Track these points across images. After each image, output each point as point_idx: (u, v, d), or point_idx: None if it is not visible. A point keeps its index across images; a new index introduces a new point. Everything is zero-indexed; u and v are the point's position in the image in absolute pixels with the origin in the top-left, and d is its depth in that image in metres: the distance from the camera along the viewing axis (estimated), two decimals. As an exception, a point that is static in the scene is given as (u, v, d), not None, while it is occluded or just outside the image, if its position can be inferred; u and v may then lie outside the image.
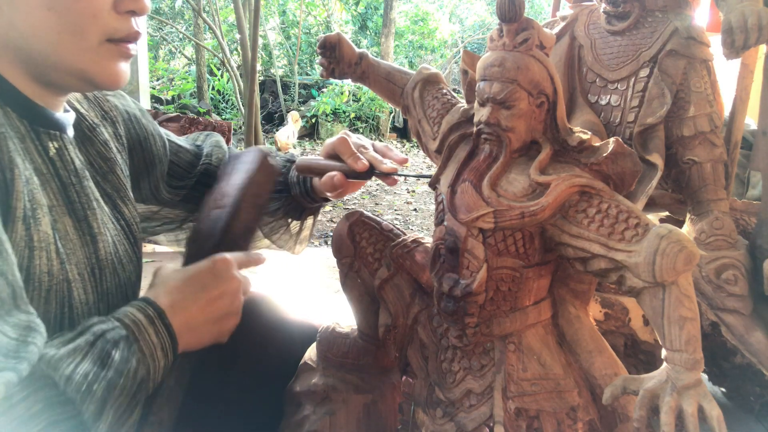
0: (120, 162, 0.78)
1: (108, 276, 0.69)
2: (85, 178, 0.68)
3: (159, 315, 0.63)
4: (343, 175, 0.88)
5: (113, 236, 0.72)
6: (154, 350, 0.61)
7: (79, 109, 0.74)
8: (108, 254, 0.69)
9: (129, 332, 0.60)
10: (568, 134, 0.65)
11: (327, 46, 0.86)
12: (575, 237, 0.61)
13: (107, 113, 0.80)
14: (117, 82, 0.65)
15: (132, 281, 0.75)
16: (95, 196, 0.71)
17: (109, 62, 0.63)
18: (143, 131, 0.87)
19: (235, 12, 4.34)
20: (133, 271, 0.76)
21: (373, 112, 8.48)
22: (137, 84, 3.73)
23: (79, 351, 0.55)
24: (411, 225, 4.29)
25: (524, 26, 0.63)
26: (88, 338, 0.57)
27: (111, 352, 0.57)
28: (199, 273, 0.70)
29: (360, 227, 0.83)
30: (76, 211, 0.66)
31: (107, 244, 0.69)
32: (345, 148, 0.90)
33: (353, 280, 0.83)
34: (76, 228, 0.65)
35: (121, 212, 0.76)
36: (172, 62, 10.21)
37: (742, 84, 1.02)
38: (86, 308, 0.64)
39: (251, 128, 3.97)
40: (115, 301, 0.70)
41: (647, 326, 1.00)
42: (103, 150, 0.75)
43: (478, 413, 0.66)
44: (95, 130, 0.75)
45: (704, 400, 0.55)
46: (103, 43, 0.62)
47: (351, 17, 10.70)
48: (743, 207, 1.06)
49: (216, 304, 0.69)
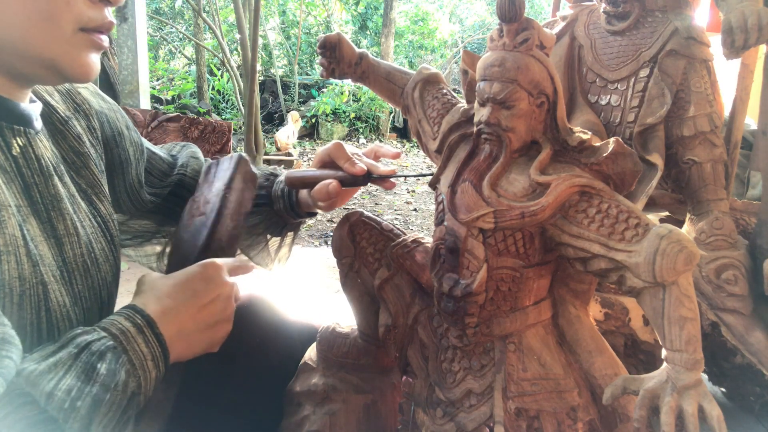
0: (94, 157, 0.75)
1: (78, 278, 0.65)
2: (51, 176, 0.64)
3: (148, 323, 0.60)
4: (338, 182, 0.85)
5: (89, 234, 0.69)
6: (144, 361, 0.58)
7: (50, 101, 0.70)
8: (77, 256, 0.66)
9: (116, 342, 0.57)
10: (569, 134, 0.65)
11: (327, 46, 0.86)
12: (575, 237, 0.61)
13: (80, 106, 0.76)
14: (88, 73, 0.61)
15: (108, 281, 0.71)
16: (70, 192, 0.68)
17: (81, 53, 0.59)
18: (117, 126, 0.83)
19: (235, 12, 4.34)
20: (109, 270, 0.72)
21: (373, 112, 8.48)
22: (137, 84, 3.73)
23: (61, 365, 0.52)
24: (411, 225, 4.29)
25: (524, 26, 0.63)
26: (70, 351, 0.53)
27: (96, 365, 0.53)
28: (189, 278, 0.67)
29: (360, 227, 0.83)
30: (39, 212, 0.62)
31: (77, 245, 0.66)
32: (341, 153, 0.87)
33: (353, 280, 0.83)
34: (41, 230, 0.62)
35: (97, 209, 0.73)
36: (172, 62, 10.21)
37: (742, 84, 1.02)
38: (64, 311, 0.61)
39: (251, 128, 3.97)
40: (88, 304, 0.67)
41: (647, 326, 1.00)
42: (76, 144, 0.71)
43: (478, 413, 0.65)
44: (67, 124, 0.71)
45: (704, 400, 0.55)
46: (76, 32, 0.58)
47: (351, 17, 10.70)
48: (743, 207, 1.06)
49: (208, 310, 0.66)
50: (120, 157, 0.83)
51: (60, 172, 0.67)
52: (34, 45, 0.56)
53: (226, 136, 2.44)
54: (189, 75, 8.28)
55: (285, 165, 6.04)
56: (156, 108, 5.86)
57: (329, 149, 0.89)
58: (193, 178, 0.95)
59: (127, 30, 3.68)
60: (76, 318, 0.63)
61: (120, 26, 3.69)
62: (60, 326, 0.60)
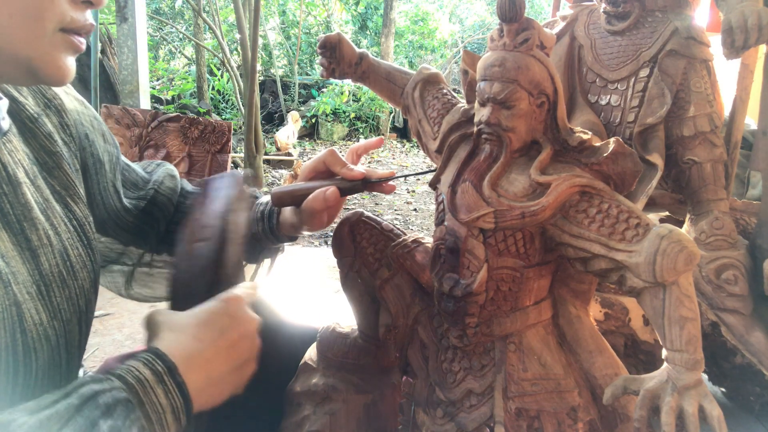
0: (67, 156, 0.70)
1: (56, 290, 0.60)
2: (19, 184, 0.60)
3: (169, 370, 0.53)
4: (337, 188, 0.80)
5: (65, 241, 0.64)
6: (162, 414, 0.50)
7: (17, 97, 0.66)
8: (53, 266, 0.61)
9: (132, 394, 0.49)
10: (569, 134, 0.65)
11: (327, 46, 0.86)
12: (576, 237, 0.61)
13: (51, 101, 0.71)
14: (64, 76, 0.58)
15: (86, 288, 0.66)
16: (44, 196, 0.63)
17: (59, 54, 0.56)
18: (90, 125, 0.78)
19: (235, 12, 4.34)
20: (86, 276, 0.67)
21: (373, 112, 8.49)
22: (137, 84, 3.73)
23: (56, 419, 0.44)
24: (411, 225, 4.29)
25: (525, 26, 0.63)
26: (71, 402, 0.46)
27: (98, 421, 0.46)
28: (213, 316, 0.60)
29: (360, 227, 0.83)
30: (11, 224, 0.57)
31: (51, 256, 0.61)
32: (336, 159, 0.83)
33: (353, 280, 0.83)
34: (14, 243, 0.57)
35: (72, 211, 0.68)
36: (172, 62, 10.21)
37: (742, 84, 1.02)
38: (41, 329, 0.56)
39: (251, 128, 3.97)
40: (68, 315, 0.61)
41: (647, 326, 1.01)
42: (48, 143, 0.67)
43: (478, 413, 0.65)
44: (37, 121, 0.67)
45: (705, 400, 0.55)
46: (56, 32, 0.55)
47: (351, 17, 10.71)
48: (743, 207, 1.06)
49: (236, 350, 0.60)
50: (94, 156, 0.78)
51: (33, 174, 0.63)
52: (12, 42, 0.53)
53: (226, 136, 2.44)
54: (189, 75, 8.28)
55: (285, 165, 6.04)
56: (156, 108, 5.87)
57: (323, 158, 0.84)
58: (168, 196, 0.89)
59: (127, 30, 3.68)
60: (55, 333, 0.58)
61: (120, 26, 3.69)
62: (37, 347, 0.56)
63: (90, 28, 0.58)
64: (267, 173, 5.65)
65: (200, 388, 0.55)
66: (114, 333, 1.82)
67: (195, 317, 0.60)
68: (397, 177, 0.86)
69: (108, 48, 4.88)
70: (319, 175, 0.85)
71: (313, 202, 0.80)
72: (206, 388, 0.56)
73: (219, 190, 0.78)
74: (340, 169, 0.83)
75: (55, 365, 0.58)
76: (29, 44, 0.54)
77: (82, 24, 0.57)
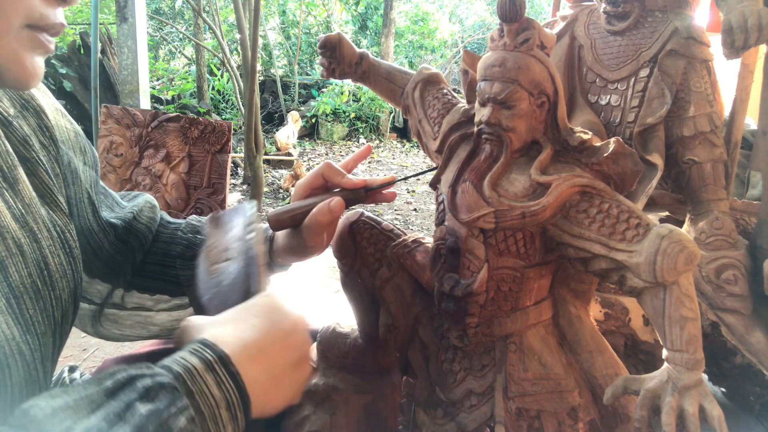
0: (44, 161, 0.65)
1: (28, 302, 0.55)
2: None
3: (220, 359, 0.45)
4: (342, 200, 0.76)
5: (47, 248, 0.60)
6: (216, 409, 0.43)
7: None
8: (25, 277, 0.56)
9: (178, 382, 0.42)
10: (569, 134, 0.65)
11: (327, 46, 0.86)
12: (576, 237, 0.61)
13: (28, 102, 0.65)
14: (30, 77, 0.52)
15: (63, 299, 0.61)
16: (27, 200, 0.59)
17: (25, 52, 0.51)
18: (68, 134, 0.73)
19: (235, 12, 4.34)
20: (65, 286, 0.62)
21: (373, 112, 8.49)
22: (137, 84, 3.73)
23: (86, 403, 0.38)
24: (411, 225, 4.29)
25: (525, 26, 0.63)
26: (105, 386, 0.40)
27: (135, 404, 0.39)
28: (260, 308, 0.54)
29: (360, 227, 0.83)
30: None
31: (22, 266, 0.56)
32: (333, 170, 0.79)
33: (354, 280, 0.83)
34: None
35: (52, 218, 0.63)
36: (172, 62, 10.21)
37: (742, 84, 1.02)
38: (14, 344, 0.52)
39: (251, 128, 3.97)
40: (42, 329, 0.57)
41: (647, 326, 1.01)
42: (22, 149, 0.62)
43: (479, 413, 0.66)
44: (11, 125, 0.61)
45: (705, 400, 0.55)
46: (23, 28, 0.50)
47: (351, 17, 10.71)
48: (743, 207, 1.06)
49: (291, 341, 0.52)
50: (71, 166, 0.72)
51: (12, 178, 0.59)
52: None
53: (226, 136, 2.43)
54: (189, 75, 8.28)
55: (285, 165, 6.04)
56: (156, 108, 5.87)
57: (319, 171, 0.80)
58: (146, 225, 0.84)
59: (127, 30, 3.68)
60: (29, 348, 0.54)
61: (120, 26, 3.69)
62: (10, 362, 0.51)
63: (60, 28, 0.54)
64: (267, 173, 5.65)
65: (259, 381, 0.47)
66: (114, 333, 1.82)
67: (240, 311, 0.53)
68: (398, 180, 0.83)
69: (108, 48, 4.89)
70: (315, 191, 0.81)
71: (318, 216, 0.75)
72: (266, 383, 0.48)
73: (233, 219, 0.76)
74: (341, 179, 0.79)
75: (32, 380, 0.55)
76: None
77: (51, 22, 0.52)
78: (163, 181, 2.44)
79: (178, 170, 2.43)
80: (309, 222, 0.76)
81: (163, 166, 2.43)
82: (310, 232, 0.76)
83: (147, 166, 2.44)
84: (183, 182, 2.43)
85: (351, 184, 0.78)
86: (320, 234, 0.77)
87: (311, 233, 0.76)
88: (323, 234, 0.78)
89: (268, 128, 8.15)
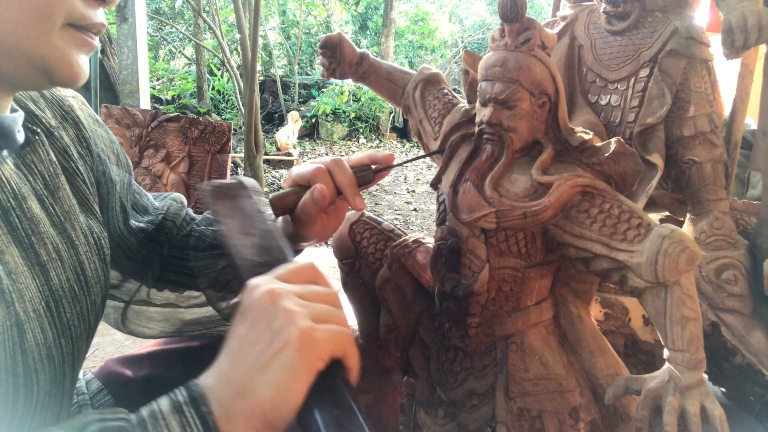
0: (82, 170, 0.68)
1: (66, 306, 0.58)
2: (25, 198, 0.57)
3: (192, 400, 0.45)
4: (324, 187, 0.71)
5: (84, 254, 0.62)
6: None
7: (33, 110, 0.64)
8: (64, 281, 0.59)
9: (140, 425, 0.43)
10: (570, 134, 0.65)
11: (328, 47, 0.86)
12: (577, 237, 0.61)
13: (67, 114, 0.69)
14: (78, 75, 0.55)
15: (97, 304, 0.64)
16: (65, 208, 0.62)
17: (70, 50, 0.53)
18: (103, 143, 0.75)
19: (235, 12, 4.34)
20: (99, 292, 0.65)
21: (373, 112, 8.49)
22: (137, 84, 3.73)
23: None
24: (411, 225, 4.29)
25: (526, 26, 0.63)
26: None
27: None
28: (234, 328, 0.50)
29: (361, 227, 0.83)
30: (20, 238, 0.55)
31: (61, 271, 0.59)
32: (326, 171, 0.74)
33: (354, 280, 0.83)
34: (24, 258, 0.55)
35: (90, 226, 0.66)
36: (172, 62, 10.20)
37: (742, 84, 1.02)
38: (44, 348, 0.54)
39: (251, 128, 3.97)
40: (77, 332, 0.59)
41: (647, 326, 1.01)
42: (62, 159, 0.65)
43: (480, 413, 0.66)
44: (53, 135, 0.64)
45: (707, 400, 0.55)
46: (65, 27, 0.53)
47: (351, 17, 10.71)
48: (743, 207, 1.06)
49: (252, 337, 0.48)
50: (106, 175, 0.75)
51: (54, 186, 0.61)
52: (24, 41, 0.51)
53: (226, 136, 2.44)
54: (189, 75, 8.28)
55: (285, 165, 6.04)
56: (156, 108, 5.86)
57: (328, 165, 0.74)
58: (172, 220, 0.86)
59: (127, 30, 3.68)
60: (60, 351, 0.56)
61: (120, 26, 3.69)
62: (38, 367, 0.53)
63: (101, 27, 0.56)
64: (267, 173, 5.65)
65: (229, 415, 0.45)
66: (114, 333, 1.82)
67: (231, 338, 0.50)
68: (397, 165, 0.78)
69: (108, 48, 4.88)
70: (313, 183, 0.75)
71: (304, 205, 0.73)
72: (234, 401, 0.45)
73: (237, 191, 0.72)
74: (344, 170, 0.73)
75: (57, 383, 0.57)
76: (40, 42, 0.52)
77: (92, 22, 0.55)
78: (163, 181, 2.44)
79: (178, 170, 2.43)
80: (302, 205, 0.74)
81: (163, 166, 2.43)
82: (300, 222, 0.75)
83: (147, 166, 2.44)
84: (183, 182, 2.43)
85: (357, 162, 0.74)
86: (311, 224, 0.75)
87: (301, 223, 0.75)
88: (315, 224, 0.75)
89: (268, 128, 8.15)
